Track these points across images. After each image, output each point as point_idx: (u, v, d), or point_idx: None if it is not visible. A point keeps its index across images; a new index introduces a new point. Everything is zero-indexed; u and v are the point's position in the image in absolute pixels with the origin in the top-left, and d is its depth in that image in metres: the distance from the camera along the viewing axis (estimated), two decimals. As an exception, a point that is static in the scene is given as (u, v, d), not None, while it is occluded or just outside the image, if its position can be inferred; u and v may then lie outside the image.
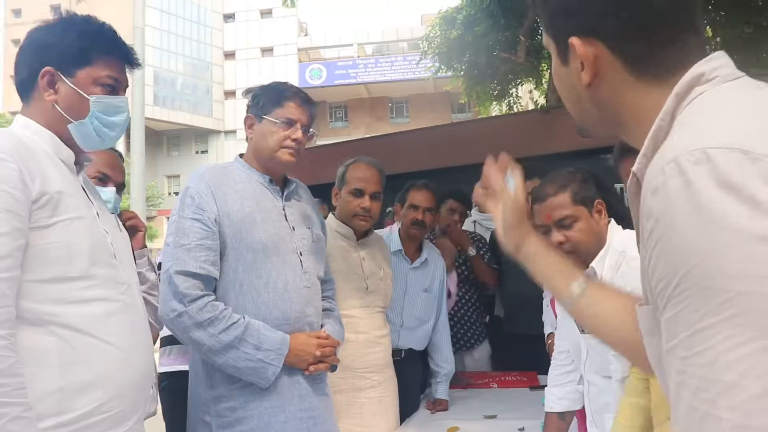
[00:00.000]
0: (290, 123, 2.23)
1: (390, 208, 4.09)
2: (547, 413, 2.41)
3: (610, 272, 2.00)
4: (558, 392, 2.39)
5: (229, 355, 2.03)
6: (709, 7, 7.65)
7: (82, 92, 1.62)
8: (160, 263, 2.84)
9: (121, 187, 2.38)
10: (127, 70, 1.73)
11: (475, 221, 4.61)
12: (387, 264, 3.10)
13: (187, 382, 2.27)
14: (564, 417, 2.37)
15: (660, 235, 0.70)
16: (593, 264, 2.07)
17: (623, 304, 1.12)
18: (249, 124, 2.29)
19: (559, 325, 2.44)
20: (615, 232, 2.10)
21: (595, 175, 2.18)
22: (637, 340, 0.92)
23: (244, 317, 2.07)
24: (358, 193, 2.83)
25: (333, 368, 2.31)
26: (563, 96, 1.00)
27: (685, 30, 0.85)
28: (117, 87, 1.69)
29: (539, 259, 1.28)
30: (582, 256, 2.07)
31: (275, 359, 2.07)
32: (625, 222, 2.10)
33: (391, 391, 3.00)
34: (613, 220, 2.14)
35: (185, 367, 3.07)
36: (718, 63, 0.82)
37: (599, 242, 2.08)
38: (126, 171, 2.54)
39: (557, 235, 2.08)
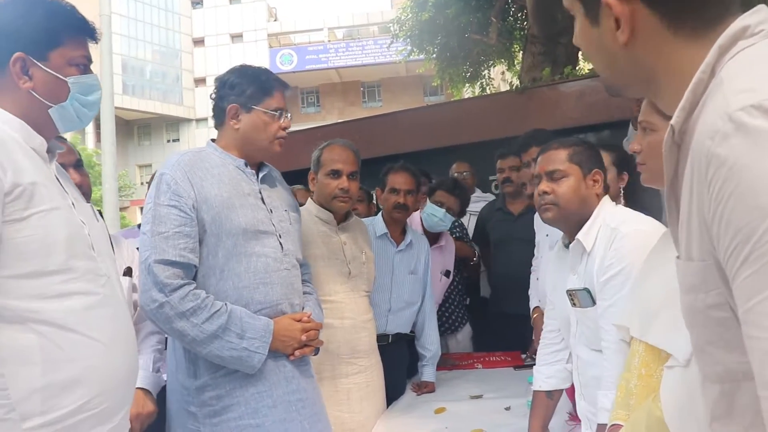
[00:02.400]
0: (280, 113, 2.24)
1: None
2: (534, 392, 2.42)
3: (602, 249, 2.00)
4: (546, 371, 2.39)
5: (214, 345, 2.00)
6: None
7: (59, 75, 1.56)
8: None
9: (80, 164, 2.35)
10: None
11: None
12: (368, 247, 3.08)
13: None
14: (552, 395, 2.38)
15: (738, 183, 0.66)
16: (579, 237, 2.08)
17: None
18: (233, 114, 2.23)
19: (549, 301, 2.44)
20: (606, 207, 2.11)
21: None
22: None
23: (226, 305, 2.04)
24: (335, 174, 2.79)
25: (316, 351, 2.29)
26: (593, 58, 0.96)
27: None
28: (88, 65, 1.65)
29: None
30: (562, 214, 2.11)
31: (260, 347, 2.05)
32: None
33: (377, 375, 2.99)
34: (607, 196, 2.15)
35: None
36: (763, 16, 0.79)
37: (582, 207, 2.10)
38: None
39: (543, 185, 2.13)
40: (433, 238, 3.82)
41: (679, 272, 0.86)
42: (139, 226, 3.29)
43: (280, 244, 2.22)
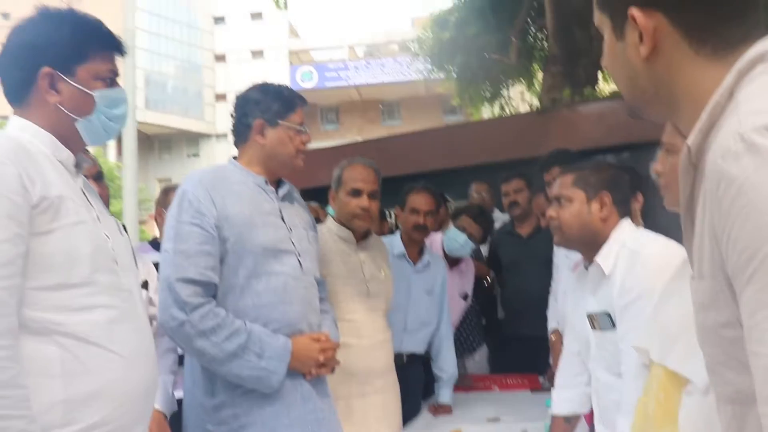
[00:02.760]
0: (302, 127, 2.28)
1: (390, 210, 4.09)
2: (553, 416, 2.40)
3: (622, 272, 2.00)
4: (566, 394, 2.37)
5: (233, 365, 2.00)
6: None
7: (85, 89, 1.59)
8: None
9: (101, 176, 2.40)
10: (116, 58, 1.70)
11: None
12: (387, 266, 3.08)
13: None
14: (570, 420, 2.36)
15: (746, 201, 0.68)
16: (598, 260, 2.08)
17: None
18: (260, 129, 2.25)
19: (569, 323, 2.43)
20: (626, 229, 2.11)
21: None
22: None
23: (245, 323, 2.04)
24: (356, 193, 2.80)
25: (332, 370, 2.30)
26: (616, 74, 0.99)
27: (747, 6, 0.84)
28: (115, 78, 1.67)
29: None
30: (565, 238, 2.19)
31: (278, 367, 2.05)
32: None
33: (393, 395, 2.97)
34: (627, 219, 2.15)
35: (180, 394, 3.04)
36: None
37: (584, 231, 2.13)
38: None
39: (551, 210, 2.22)
40: (453, 260, 3.82)
41: (693, 291, 0.87)
42: (150, 242, 3.33)
43: (299, 262, 2.22)
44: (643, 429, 1.52)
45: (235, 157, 2.33)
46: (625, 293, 1.97)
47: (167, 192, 3.41)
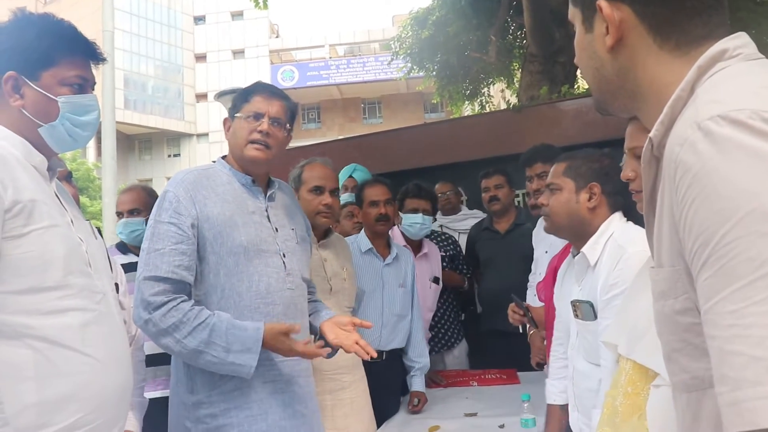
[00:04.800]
0: (257, 116, 2.19)
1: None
2: (549, 405, 2.44)
3: (608, 266, 2.02)
4: (559, 385, 2.40)
5: (200, 361, 1.99)
6: None
7: (49, 94, 1.58)
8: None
9: (70, 176, 2.41)
10: (92, 65, 1.69)
11: (441, 225, 4.77)
12: (349, 264, 3.10)
13: (161, 410, 2.23)
14: (566, 409, 2.38)
15: (701, 188, 0.70)
16: (584, 250, 2.11)
17: None
18: (227, 127, 2.28)
19: (557, 313, 2.44)
20: (614, 223, 2.13)
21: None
22: None
23: (212, 315, 2.01)
24: (318, 190, 2.82)
25: (330, 355, 2.23)
26: (584, 66, 1.02)
27: (711, 6, 0.87)
28: (84, 85, 1.66)
29: None
30: (553, 226, 2.23)
31: (248, 359, 1.99)
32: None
33: (362, 391, 2.98)
34: (619, 213, 2.16)
35: (159, 394, 3.02)
36: (741, 42, 0.85)
37: (571, 220, 2.16)
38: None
39: (542, 197, 2.26)
40: (415, 247, 3.84)
41: (652, 281, 0.89)
42: (117, 245, 3.33)
43: (284, 263, 2.21)
44: (611, 422, 1.54)
45: (224, 157, 2.34)
46: (608, 288, 1.99)
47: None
